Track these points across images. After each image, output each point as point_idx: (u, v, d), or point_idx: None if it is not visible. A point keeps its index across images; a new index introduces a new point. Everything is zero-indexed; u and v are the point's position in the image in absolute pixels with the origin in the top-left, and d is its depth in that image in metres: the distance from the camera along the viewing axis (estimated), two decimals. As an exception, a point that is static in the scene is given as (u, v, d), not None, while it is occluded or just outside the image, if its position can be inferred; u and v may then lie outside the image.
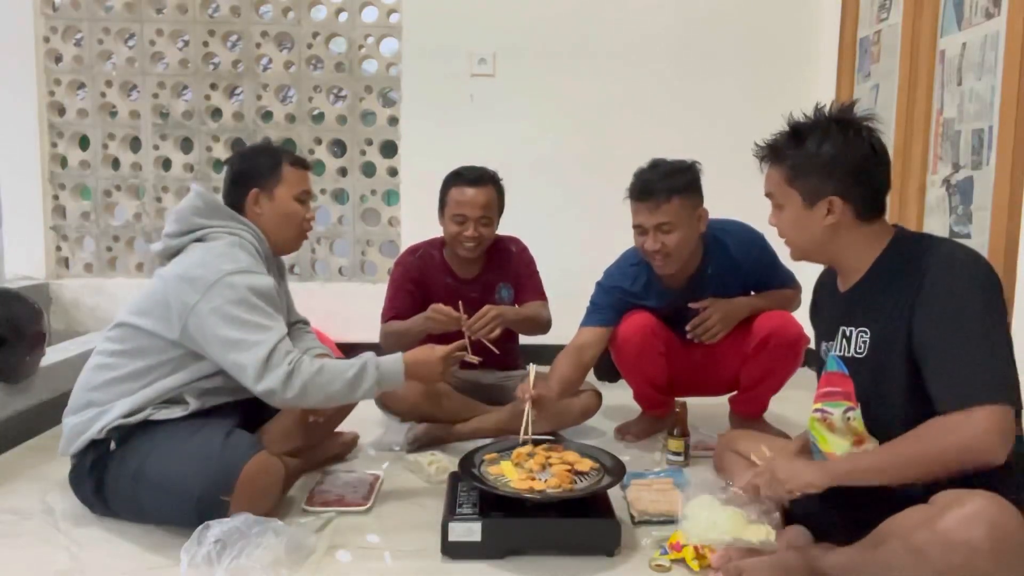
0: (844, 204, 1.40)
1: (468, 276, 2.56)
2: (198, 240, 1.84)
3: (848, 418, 1.45)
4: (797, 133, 1.44)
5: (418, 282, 2.53)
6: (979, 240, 2.38)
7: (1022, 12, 2.21)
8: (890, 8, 2.99)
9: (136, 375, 1.77)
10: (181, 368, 1.78)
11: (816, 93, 3.45)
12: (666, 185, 2.13)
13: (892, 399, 1.38)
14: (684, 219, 2.16)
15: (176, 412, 1.77)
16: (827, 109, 1.44)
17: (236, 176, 1.95)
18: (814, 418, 1.53)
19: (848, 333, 1.45)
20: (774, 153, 1.47)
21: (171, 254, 1.86)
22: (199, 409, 1.79)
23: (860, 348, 1.43)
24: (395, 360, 1.83)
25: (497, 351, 2.27)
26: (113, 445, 1.74)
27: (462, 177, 2.47)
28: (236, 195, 1.93)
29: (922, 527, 1.20)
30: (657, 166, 2.19)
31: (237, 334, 1.70)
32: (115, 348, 1.80)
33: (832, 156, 1.39)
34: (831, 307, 1.55)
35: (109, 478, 1.74)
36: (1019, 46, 2.21)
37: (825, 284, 1.62)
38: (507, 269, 2.60)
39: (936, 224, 2.62)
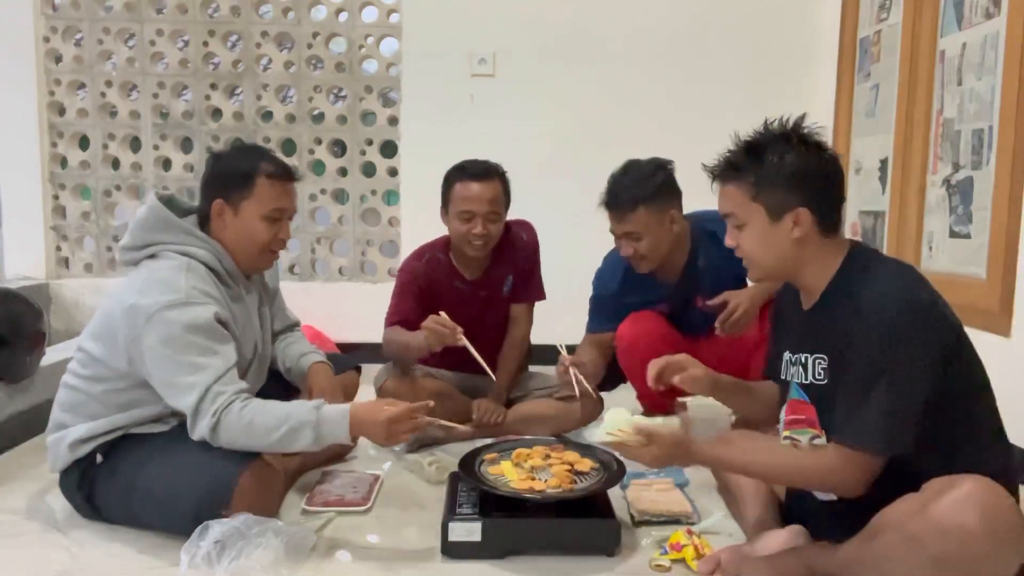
0: (810, 216, 1.38)
1: (475, 276, 2.49)
2: (151, 256, 1.73)
3: (815, 445, 1.44)
4: (755, 148, 1.41)
5: (425, 288, 2.45)
6: (979, 240, 2.38)
7: (1022, 12, 2.21)
8: (890, 8, 2.99)
9: (99, 400, 1.71)
10: (145, 398, 1.69)
11: (816, 93, 3.46)
12: (630, 196, 2.18)
13: None
14: (651, 226, 2.20)
15: (159, 428, 1.72)
16: (777, 123, 1.42)
17: (207, 179, 1.82)
18: (786, 445, 1.50)
19: (804, 360, 1.44)
20: (734, 170, 1.43)
21: (129, 266, 1.78)
22: (184, 422, 1.69)
23: (819, 375, 1.42)
24: (340, 419, 1.61)
25: (492, 374, 2.28)
26: (99, 458, 1.71)
27: (466, 171, 2.36)
28: (204, 201, 1.80)
29: (915, 515, 1.21)
30: (627, 172, 2.24)
31: (171, 375, 1.61)
32: (77, 371, 1.75)
33: (795, 167, 1.37)
34: (795, 322, 1.51)
35: (99, 492, 1.73)
36: (1019, 46, 2.21)
37: (787, 293, 1.59)
38: (513, 259, 2.50)
39: (936, 224, 2.62)
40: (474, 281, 2.50)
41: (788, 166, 1.37)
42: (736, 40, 3.50)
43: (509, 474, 1.74)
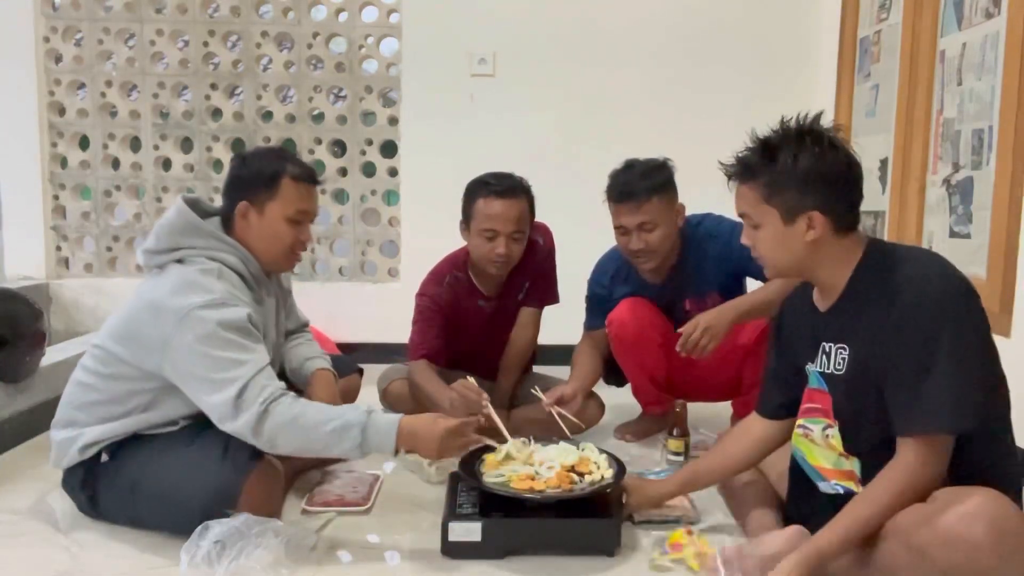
0: (824, 219, 1.36)
1: (494, 291, 2.46)
2: (178, 260, 1.71)
3: (827, 435, 1.45)
4: (768, 148, 1.38)
5: (448, 312, 2.40)
6: (979, 240, 2.38)
7: (1022, 12, 2.21)
8: (890, 8, 2.99)
9: (117, 400, 1.70)
10: (165, 400, 1.69)
11: (816, 93, 3.46)
12: (645, 185, 2.18)
13: (868, 418, 1.37)
14: (664, 216, 2.21)
15: (167, 429, 1.72)
16: (794, 122, 1.39)
17: (230, 182, 1.82)
18: (797, 434, 1.53)
19: (828, 349, 1.44)
20: (747, 171, 1.41)
21: (152, 269, 1.75)
22: (192, 423, 1.72)
23: (839, 365, 1.42)
24: (388, 428, 1.61)
25: (510, 438, 1.85)
26: (104, 457, 1.71)
27: (490, 187, 2.27)
28: (228, 203, 1.81)
29: (922, 526, 1.20)
30: (632, 167, 2.24)
31: (208, 371, 1.59)
32: (96, 369, 1.73)
33: (808, 169, 1.34)
34: (811, 325, 1.50)
35: (102, 491, 1.72)
36: (1019, 46, 2.21)
37: (795, 302, 1.59)
38: (530, 266, 2.45)
39: (936, 224, 2.62)
40: (493, 296, 2.47)
41: (801, 168, 1.34)
42: (736, 41, 3.49)
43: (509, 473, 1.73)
